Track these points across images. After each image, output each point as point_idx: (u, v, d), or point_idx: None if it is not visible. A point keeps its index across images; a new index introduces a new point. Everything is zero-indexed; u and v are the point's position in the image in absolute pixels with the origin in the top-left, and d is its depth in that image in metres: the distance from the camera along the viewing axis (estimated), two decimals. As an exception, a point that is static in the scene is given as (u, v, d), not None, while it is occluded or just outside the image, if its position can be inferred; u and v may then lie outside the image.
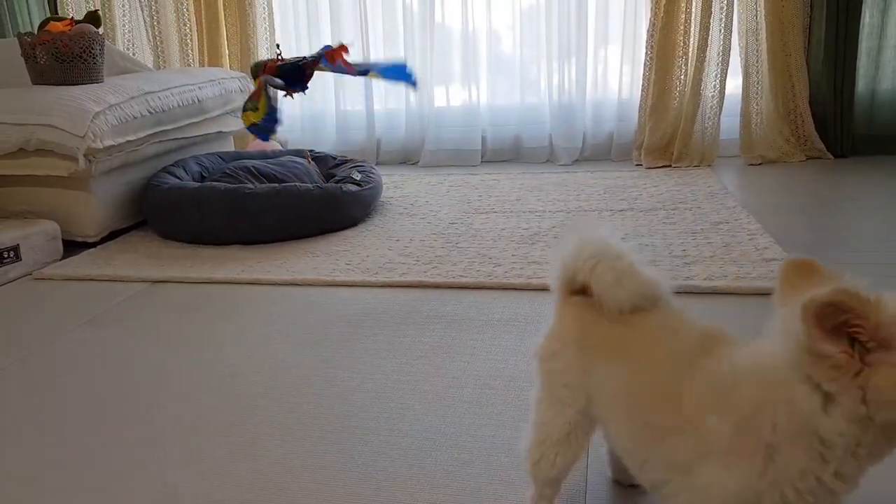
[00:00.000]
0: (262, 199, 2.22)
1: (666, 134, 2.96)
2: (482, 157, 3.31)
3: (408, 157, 3.42)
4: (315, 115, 3.48)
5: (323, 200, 2.27)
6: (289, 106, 3.39)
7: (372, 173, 2.56)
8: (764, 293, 1.58)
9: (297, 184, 2.32)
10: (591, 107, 3.19)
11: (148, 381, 1.40)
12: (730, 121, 2.99)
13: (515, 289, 1.70)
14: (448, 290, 1.73)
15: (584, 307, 0.84)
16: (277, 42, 3.12)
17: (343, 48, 2.44)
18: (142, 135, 2.42)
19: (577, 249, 0.83)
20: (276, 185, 2.30)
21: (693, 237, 1.99)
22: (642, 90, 3.01)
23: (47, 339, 1.63)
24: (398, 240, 2.16)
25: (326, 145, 3.35)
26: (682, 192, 2.49)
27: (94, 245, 2.36)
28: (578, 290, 0.85)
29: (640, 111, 3.04)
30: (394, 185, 2.89)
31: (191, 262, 2.09)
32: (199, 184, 2.32)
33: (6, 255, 2.08)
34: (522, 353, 1.40)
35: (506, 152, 3.32)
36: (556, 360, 0.85)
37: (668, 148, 2.96)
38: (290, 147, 3.24)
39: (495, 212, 2.41)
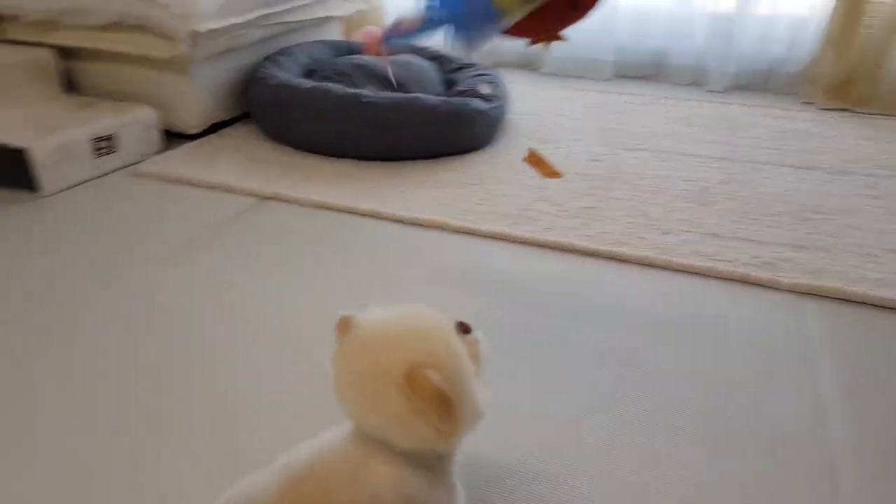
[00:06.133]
0: (381, 111, 1.93)
1: (850, 68, 2.48)
2: (615, 71, 2.90)
3: (529, 62, 3.03)
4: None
5: (449, 118, 1.97)
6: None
7: (500, 86, 2.22)
8: None
9: (420, 95, 2.01)
10: (756, 22, 2.69)
11: (235, 325, 1.19)
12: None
13: (698, 274, 1.39)
14: (608, 264, 1.44)
15: None
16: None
17: None
18: (249, 17, 2.13)
19: None
20: (398, 95, 1.99)
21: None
22: (831, 8, 2.49)
23: (139, 256, 1.44)
24: (532, 175, 1.85)
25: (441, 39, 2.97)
26: (880, 151, 2.05)
27: (193, 138, 2.14)
28: None
29: (820, 34, 2.54)
30: (517, 96, 2.53)
31: (301, 177, 1.84)
32: (312, 83, 2.03)
33: (102, 145, 1.88)
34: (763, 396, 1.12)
35: (644, 67, 2.89)
36: None
37: (850, 86, 2.49)
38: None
39: (644, 149, 2.06)
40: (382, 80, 2.14)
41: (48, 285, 1.35)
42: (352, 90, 1.99)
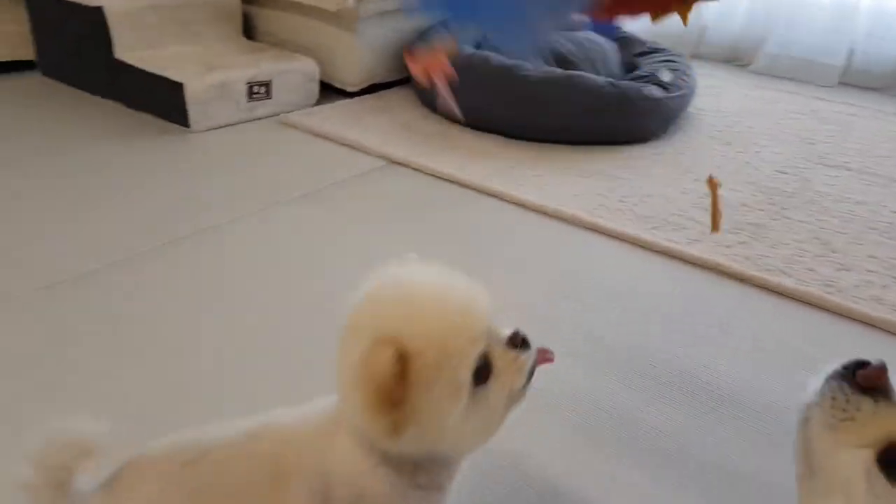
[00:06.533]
0: (538, 87, 1.75)
1: None
2: (841, 77, 2.46)
3: (737, 56, 2.67)
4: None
5: (615, 102, 1.75)
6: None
7: (686, 75, 1.94)
8: None
9: (585, 74, 1.80)
10: None
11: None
12: None
13: (873, 326, 1.08)
14: (758, 293, 1.16)
15: None
16: None
17: None
18: (424, -24, 2.04)
19: None
20: (559, 71, 1.80)
21: None
22: None
23: (263, 203, 1.40)
24: (698, 179, 1.59)
25: (634, 23, 2.71)
26: None
27: (351, 95, 2.11)
28: None
29: None
30: (710, 91, 2.23)
31: (440, 146, 1.73)
32: (473, 50, 1.90)
33: (256, 91, 1.89)
34: None
35: (878, 77, 2.42)
36: None
37: None
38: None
39: (849, 168, 1.69)
40: (554, 56, 1.95)
41: (177, 214, 1.36)
42: (511, 61, 1.83)
